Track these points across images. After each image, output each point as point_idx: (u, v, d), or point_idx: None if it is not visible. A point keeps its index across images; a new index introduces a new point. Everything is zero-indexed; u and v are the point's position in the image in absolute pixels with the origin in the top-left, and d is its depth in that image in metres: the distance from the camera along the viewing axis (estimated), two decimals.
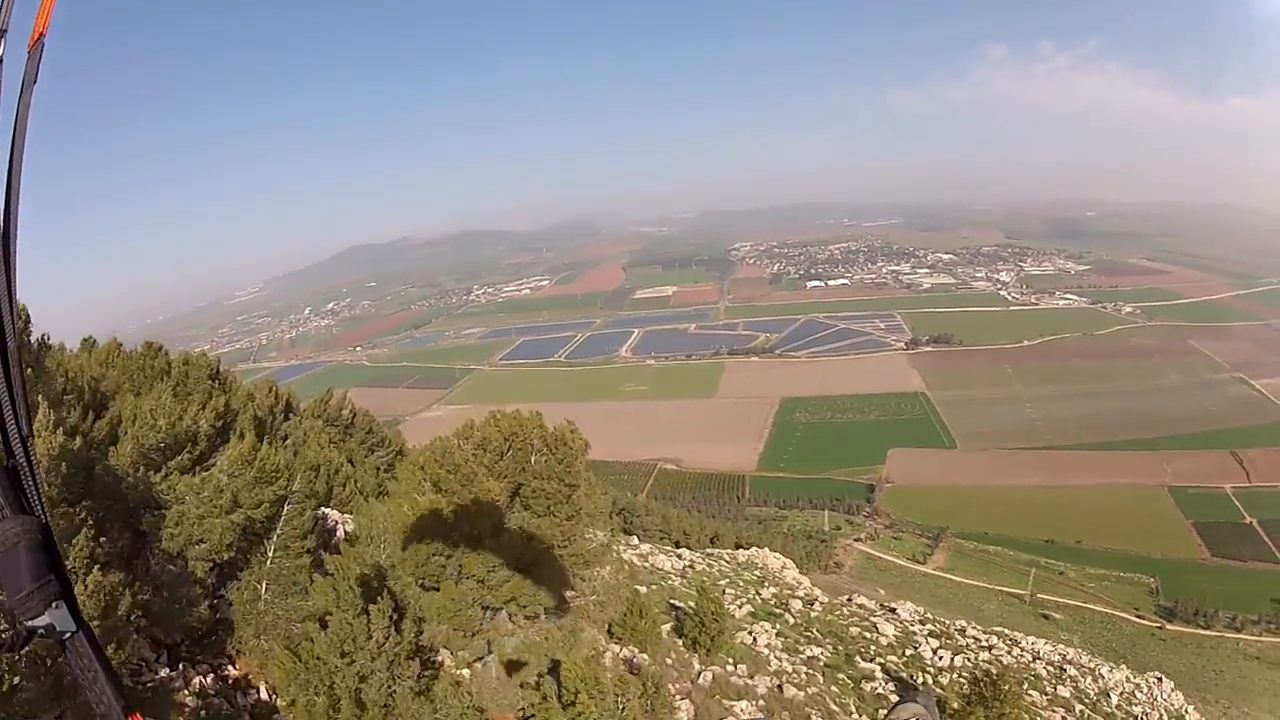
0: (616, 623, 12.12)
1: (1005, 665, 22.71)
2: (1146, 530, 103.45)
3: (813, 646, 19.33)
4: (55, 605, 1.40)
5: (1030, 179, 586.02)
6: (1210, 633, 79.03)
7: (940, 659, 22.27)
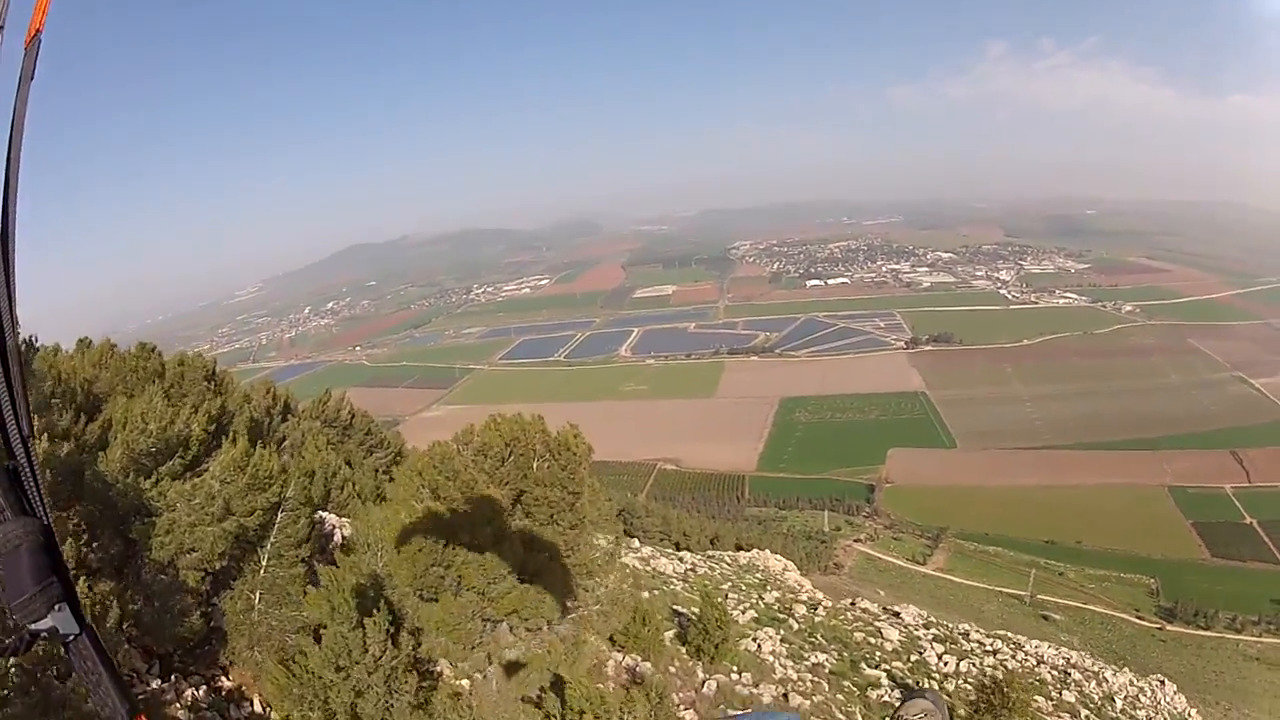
0: (619, 631, 11.88)
1: (1010, 670, 22.48)
2: (1146, 531, 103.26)
3: (817, 653, 19.08)
4: (58, 608, 1.37)
5: (1030, 177, 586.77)
6: (1210, 634, 78.85)
7: (945, 664, 22.03)
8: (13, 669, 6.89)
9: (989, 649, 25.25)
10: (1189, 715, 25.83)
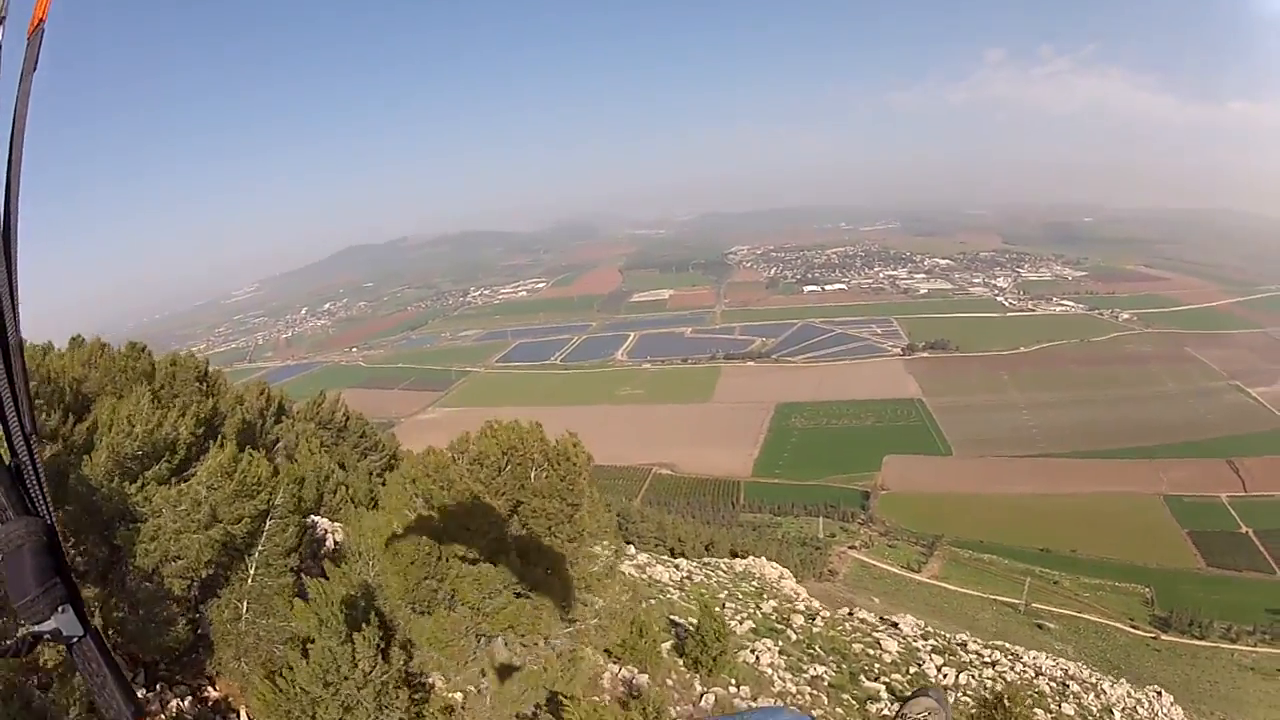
0: (616, 644, 11.63)
1: (1009, 683, 22.25)
2: (1142, 539, 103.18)
3: (816, 665, 18.82)
4: (61, 609, 1.34)
5: (1028, 183, 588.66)
6: (1205, 643, 78.80)
7: (944, 676, 21.77)
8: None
9: (987, 660, 25.00)
10: None
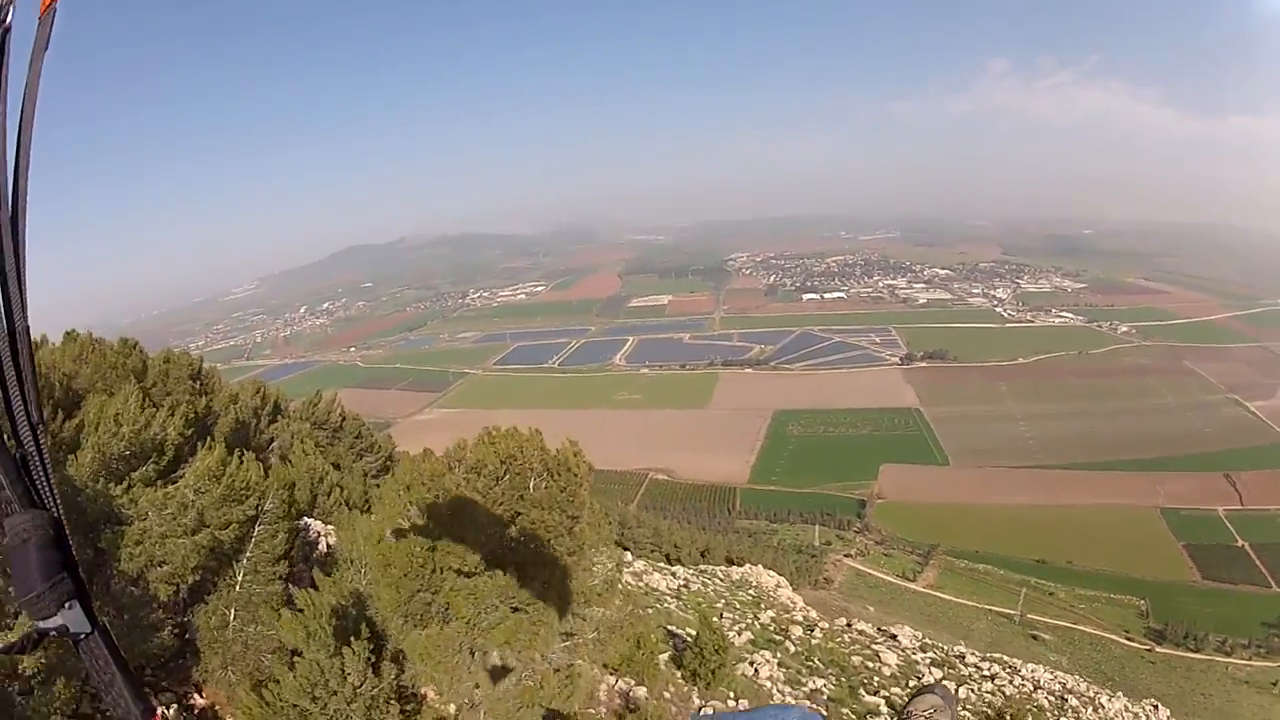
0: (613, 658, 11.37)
1: (1009, 697, 22.04)
2: (1138, 552, 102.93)
3: (815, 678, 18.54)
4: (69, 605, 1.29)
5: (1029, 194, 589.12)
6: (1200, 656, 78.56)
7: None
8: None
9: (986, 674, 24.77)
10: None
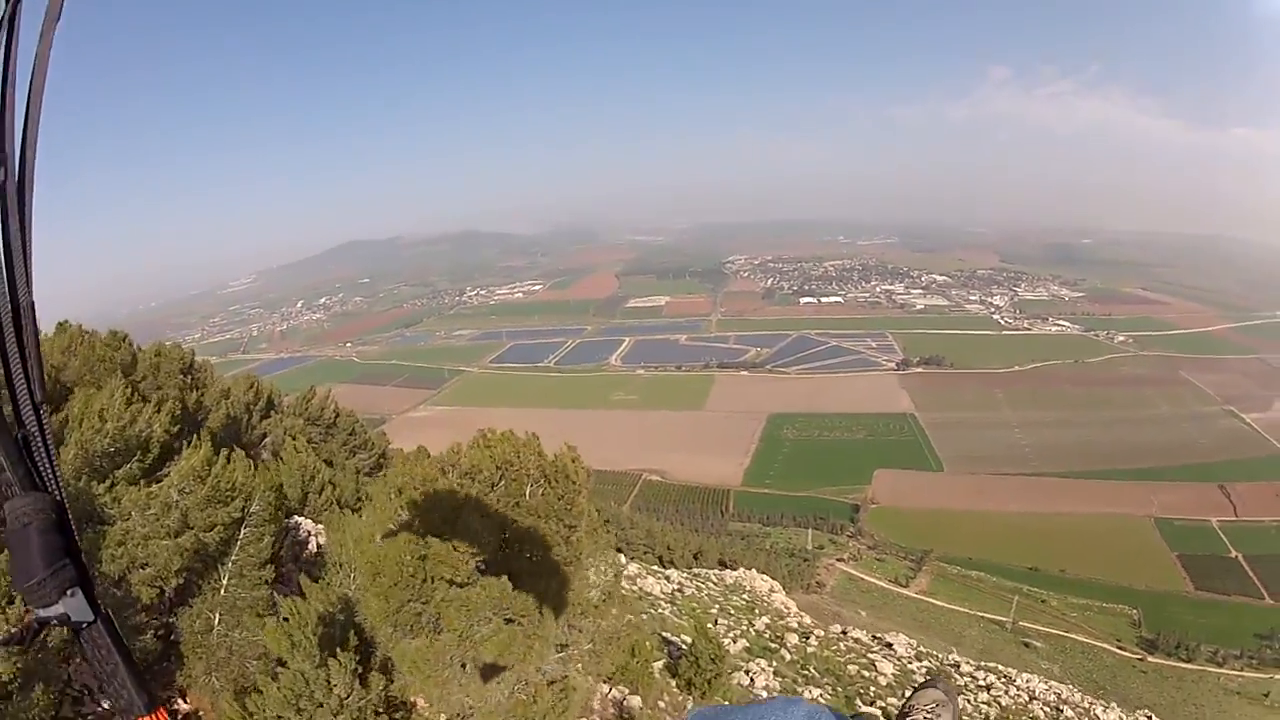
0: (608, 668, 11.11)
1: (1005, 707, 21.84)
2: (1131, 561, 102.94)
3: (811, 687, 18.31)
4: (70, 593, 1.23)
5: (1028, 202, 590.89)
6: (1192, 666, 78.57)
7: None
8: None
9: (981, 684, 24.54)
10: None
